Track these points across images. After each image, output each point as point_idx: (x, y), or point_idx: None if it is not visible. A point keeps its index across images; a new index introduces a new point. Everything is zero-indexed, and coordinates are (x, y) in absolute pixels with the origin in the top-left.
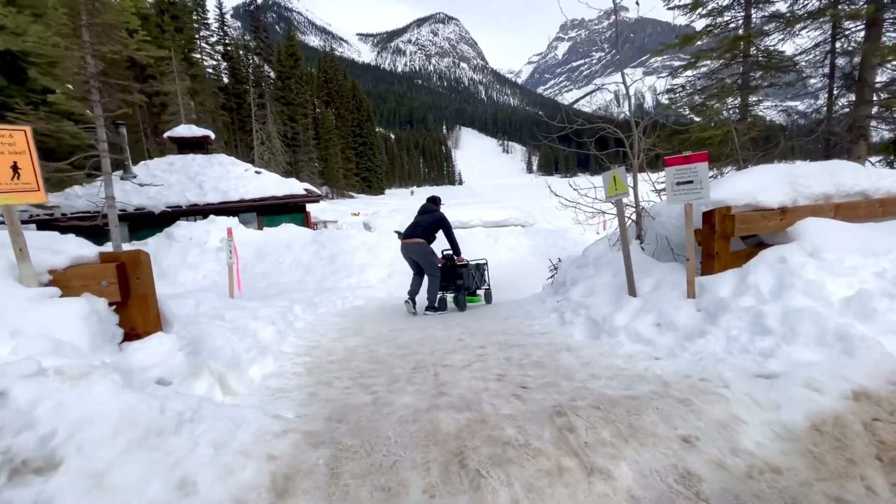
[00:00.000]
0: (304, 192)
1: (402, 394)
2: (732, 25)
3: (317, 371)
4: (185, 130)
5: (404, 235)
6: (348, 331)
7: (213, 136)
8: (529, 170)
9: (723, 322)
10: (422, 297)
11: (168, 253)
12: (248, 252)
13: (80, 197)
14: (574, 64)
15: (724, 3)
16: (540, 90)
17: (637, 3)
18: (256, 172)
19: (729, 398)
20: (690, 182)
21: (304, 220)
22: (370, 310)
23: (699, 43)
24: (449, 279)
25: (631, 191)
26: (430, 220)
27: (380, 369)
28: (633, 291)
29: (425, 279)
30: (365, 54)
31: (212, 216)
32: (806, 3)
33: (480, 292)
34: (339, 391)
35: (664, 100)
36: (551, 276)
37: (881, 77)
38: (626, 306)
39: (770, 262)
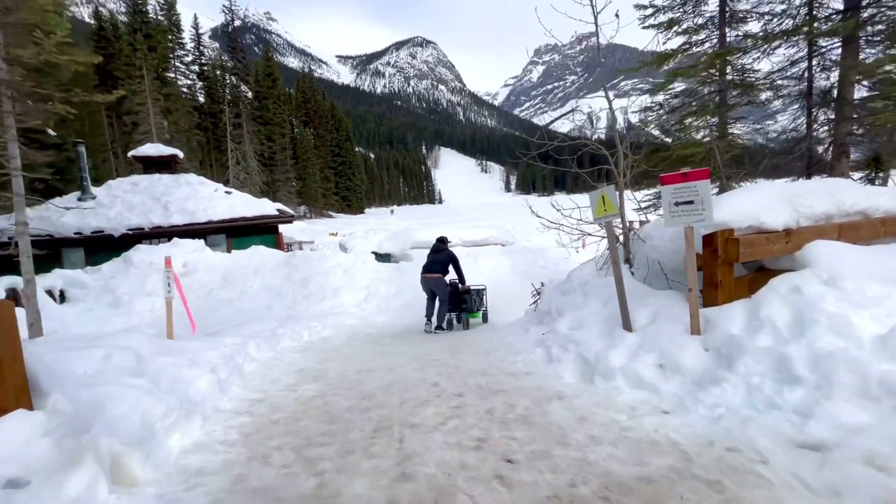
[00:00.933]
0: (276, 213)
1: (354, 475)
2: (707, 45)
3: (254, 438)
4: (152, 149)
5: (424, 270)
6: (307, 374)
7: (181, 155)
8: (508, 189)
9: (740, 366)
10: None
11: (125, 279)
12: (213, 277)
13: None
14: (549, 87)
15: (700, 22)
16: (516, 111)
17: (616, 16)
18: (226, 192)
19: (771, 480)
20: (690, 202)
21: (276, 242)
22: (339, 342)
23: (674, 61)
24: (456, 302)
25: (617, 208)
26: (443, 258)
27: (334, 432)
28: (627, 325)
29: (436, 303)
30: (344, 76)
31: (175, 239)
32: (781, 21)
33: (480, 312)
34: (275, 472)
35: (642, 117)
36: (534, 302)
37: (859, 93)
38: (621, 342)
39: (783, 293)
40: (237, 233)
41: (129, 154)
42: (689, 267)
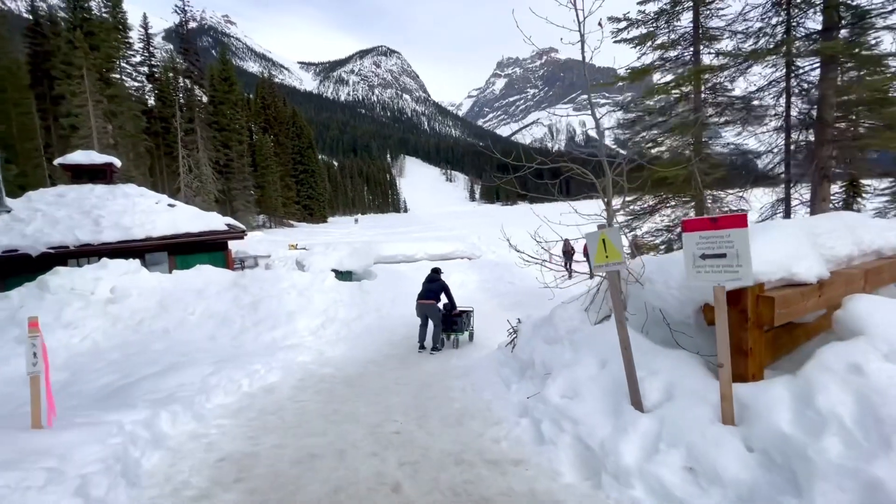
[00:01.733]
0: (226, 228)
1: None
2: (680, 62)
3: None
4: (82, 157)
5: (420, 297)
6: (228, 468)
7: (118, 163)
8: (472, 198)
9: (816, 496)
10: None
11: (38, 308)
12: (147, 303)
13: None
14: (511, 99)
15: (674, 38)
16: (480, 122)
17: (600, 25)
18: (169, 205)
19: None
20: (722, 256)
21: (226, 260)
22: (284, 394)
23: (648, 77)
24: (447, 324)
25: (622, 255)
26: (437, 287)
27: None
28: (637, 401)
29: (429, 328)
30: (307, 82)
31: (104, 259)
32: (758, 40)
33: (467, 332)
34: None
35: (617, 134)
36: (511, 342)
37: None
38: (632, 427)
39: (839, 373)
40: (181, 250)
41: (56, 162)
42: (720, 337)
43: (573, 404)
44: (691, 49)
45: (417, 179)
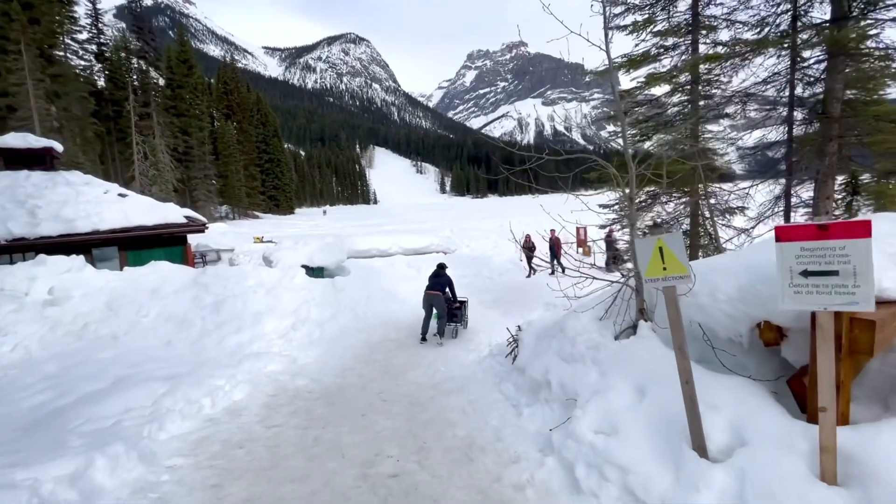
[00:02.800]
0: (185, 220)
1: None
2: (676, 53)
3: None
4: (17, 140)
5: (429, 288)
6: None
7: (59, 147)
8: (443, 190)
9: None
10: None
11: None
12: (93, 305)
13: None
14: (481, 91)
15: (670, 26)
16: (450, 114)
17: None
18: (121, 195)
19: None
20: (833, 273)
21: (184, 255)
22: (252, 417)
23: (645, 67)
24: (449, 314)
25: (686, 267)
26: (444, 281)
27: None
28: (701, 447)
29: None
30: (272, 68)
31: (41, 256)
32: (760, 30)
33: (465, 321)
34: None
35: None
36: (510, 353)
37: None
38: (703, 482)
39: None
40: (134, 245)
41: None
42: (824, 374)
43: (614, 444)
44: (689, 38)
45: (387, 171)
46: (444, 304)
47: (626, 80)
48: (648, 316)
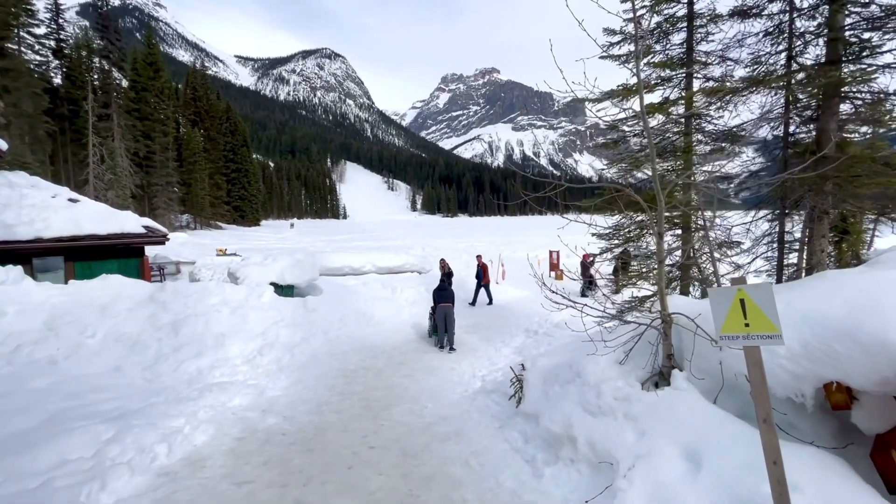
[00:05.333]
0: (143, 230)
1: None
2: (669, 85)
3: None
4: None
5: (442, 301)
6: None
7: (3, 145)
8: (413, 208)
9: None
10: None
11: None
12: (29, 323)
13: None
14: (454, 113)
15: (664, 59)
16: (423, 134)
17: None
18: (71, 200)
19: None
20: None
21: (141, 269)
22: (218, 471)
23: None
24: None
25: (776, 325)
26: (451, 294)
27: None
28: None
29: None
30: (244, 78)
31: None
32: (756, 68)
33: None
34: None
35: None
36: (514, 394)
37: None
38: None
39: None
40: (83, 255)
41: None
42: None
43: None
44: (683, 71)
45: (358, 186)
46: (454, 317)
47: (607, 111)
48: (677, 363)
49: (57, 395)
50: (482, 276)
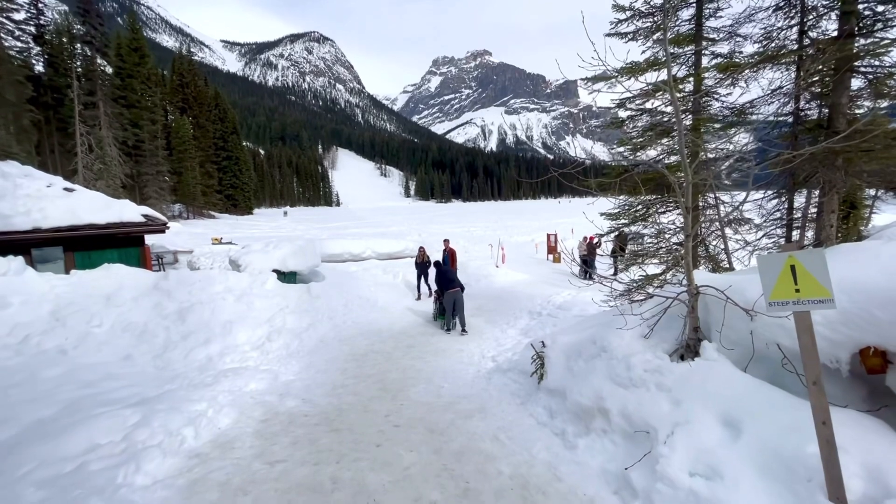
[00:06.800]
0: (143, 219)
1: None
2: (680, 60)
3: None
4: None
5: (452, 286)
6: None
7: None
8: (407, 194)
9: None
10: None
11: None
12: (35, 314)
13: None
14: (446, 97)
15: (672, 37)
16: (415, 118)
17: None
18: (66, 189)
19: None
20: None
21: (142, 258)
22: (248, 451)
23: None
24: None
25: (829, 289)
26: (458, 280)
27: None
28: (841, 499)
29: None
30: (231, 63)
31: None
32: (767, 43)
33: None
34: None
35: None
36: (535, 370)
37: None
38: None
39: None
40: (82, 245)
41: None
42: None
43: (721, 491)
44: (692, 48)
45: (351, 172)
46: (463, 301)
47: (607, 94)
48: (704, 335)
49: (71, 384)
50: (449, 262)
